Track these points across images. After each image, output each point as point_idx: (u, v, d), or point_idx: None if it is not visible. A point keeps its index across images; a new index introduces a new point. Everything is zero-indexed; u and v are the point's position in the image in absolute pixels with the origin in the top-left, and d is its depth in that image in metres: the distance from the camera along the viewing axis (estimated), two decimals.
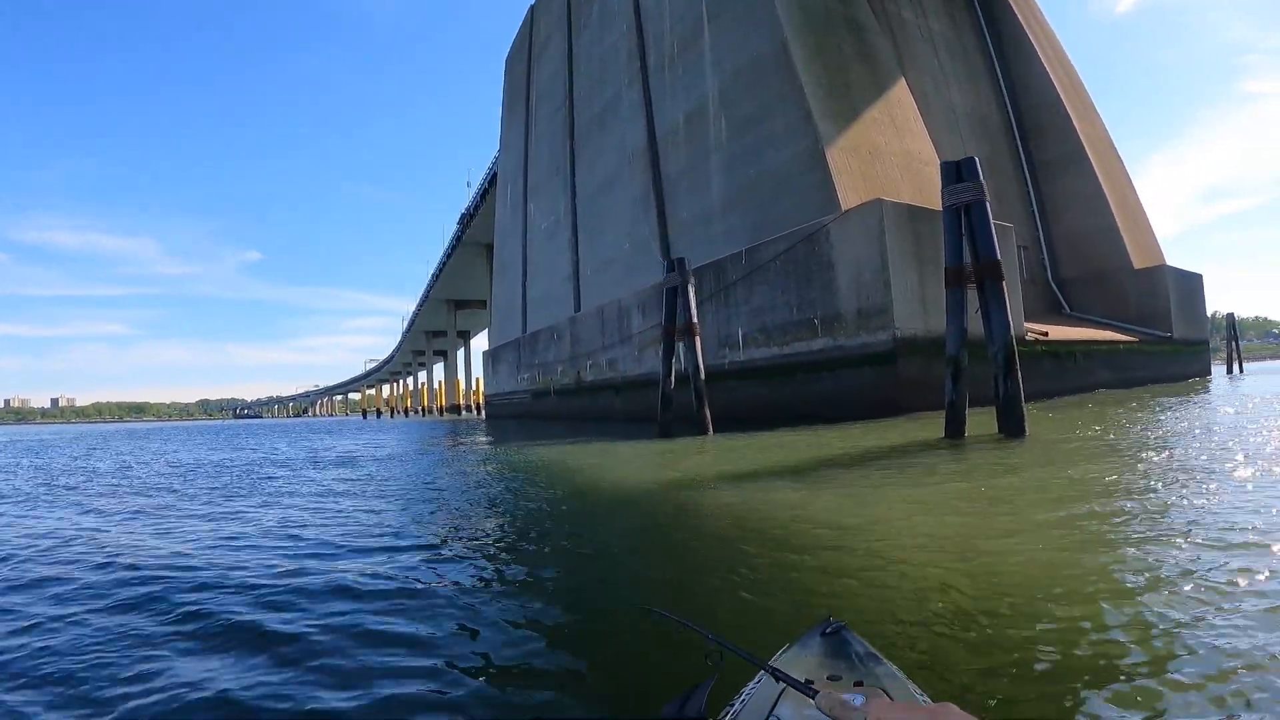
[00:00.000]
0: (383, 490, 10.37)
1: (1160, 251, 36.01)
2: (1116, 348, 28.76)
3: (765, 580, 4.38)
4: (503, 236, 52.56)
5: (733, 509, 7.13)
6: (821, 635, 1.66)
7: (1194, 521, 5.08)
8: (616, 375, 30.81)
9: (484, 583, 4.79)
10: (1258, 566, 3.87)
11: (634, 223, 31.32)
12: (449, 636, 3.64)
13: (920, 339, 17.99)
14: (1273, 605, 3.29)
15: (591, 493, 9.18)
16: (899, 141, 23.16)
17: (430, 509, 8.35)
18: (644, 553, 5.78)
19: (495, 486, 10.32)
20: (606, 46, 35.43)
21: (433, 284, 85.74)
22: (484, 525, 7.12)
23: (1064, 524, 5.29)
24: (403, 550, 5.87)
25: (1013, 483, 7.45)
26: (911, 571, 4.30)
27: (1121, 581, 3.78)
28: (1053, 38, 39.58)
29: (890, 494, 7.36)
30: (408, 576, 4.93)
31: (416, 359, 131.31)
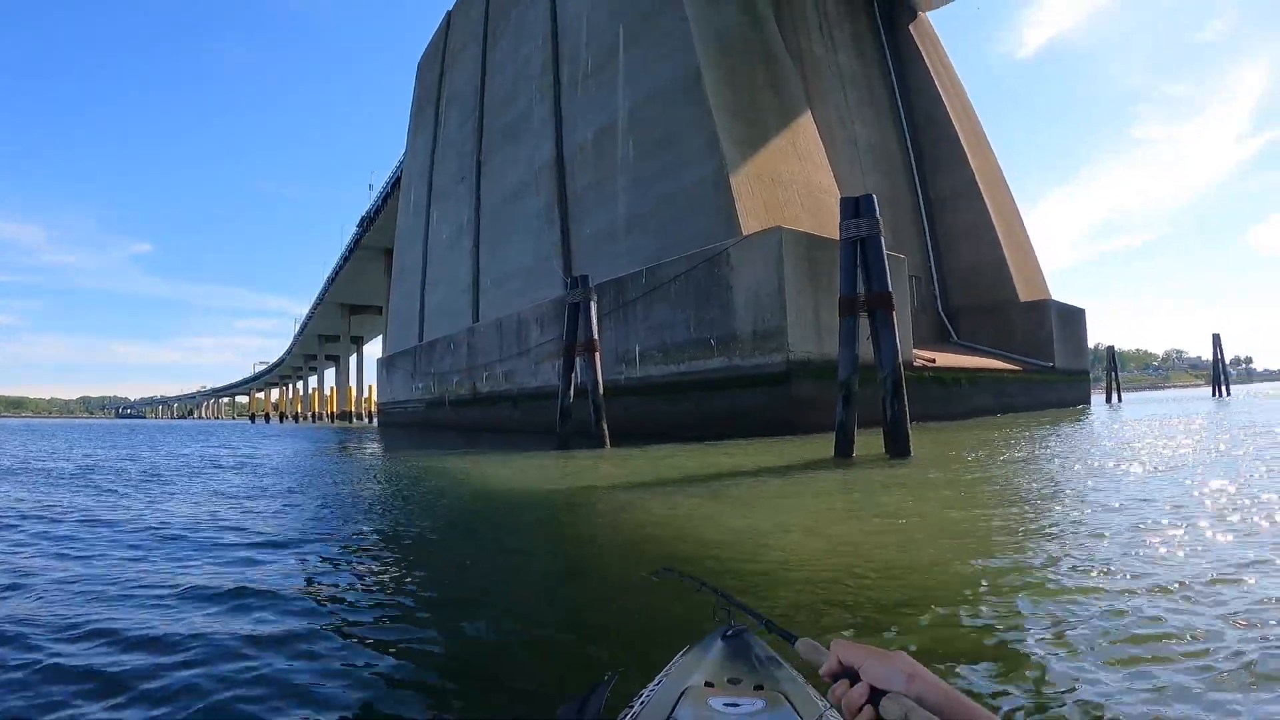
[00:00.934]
0: (273, 497, 9.97)
1: (1046, 286, 37.96)
2: (1001, 376, 30.08)
3: (663, 585, 4.45)
4: (403, 242, 51.59)
5: (631, 519, 7.21)
6: (723, 638, 1.62)
7: (1055, 525, 5.90)
8: (513, 387, 30.56)
9: (371, 593, 4.62)
10: (1104, 557, 4.64)
11: (537, 236, 31.22)
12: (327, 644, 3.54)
13: (814, 361, 18.50)
14: (1119, 585, 3.97)
15: (492, 504, 9.07)
16: (801, 171, 23.78)
17: (326, 517, 7.90)
18: (545, 559, 5.80)
19: (394, 498, 9.94)
20: (521, 58, 35.28)
21: (328, 287, 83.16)
22: (382, 537, 6.78)
23: (942, 532, 5.81)
24: (297, 553, 5.70)
25: (896, 497, 7.96)
26: (801, 574, 4.60)
27: (993, 579, 4.22)
28: (955, 78, 41.44)
29: (782, 506, 7.66)
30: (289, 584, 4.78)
31: (308, 363, 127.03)
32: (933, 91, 38.25)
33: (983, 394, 27.80)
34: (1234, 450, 11.67)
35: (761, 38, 25.58)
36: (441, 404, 38.64)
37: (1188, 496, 6.99)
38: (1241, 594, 3.68)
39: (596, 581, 4.87)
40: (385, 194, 63.09)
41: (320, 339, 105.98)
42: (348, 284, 79.88)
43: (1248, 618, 3.29)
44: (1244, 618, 3.29)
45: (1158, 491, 7.38)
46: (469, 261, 38.57)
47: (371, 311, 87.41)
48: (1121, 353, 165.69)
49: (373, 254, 71.23)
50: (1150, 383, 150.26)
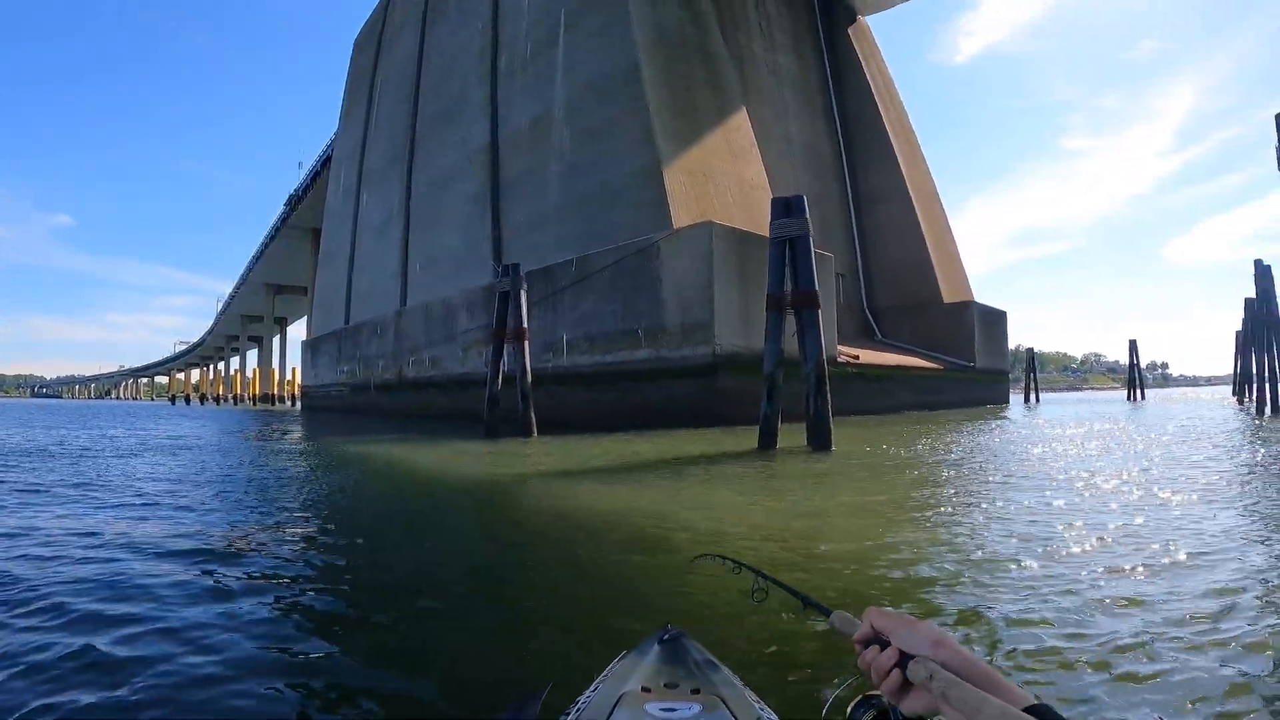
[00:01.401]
0: (199, 484, 9.65)
1: (969, 288, 39.01)
2: (922, 373, 30.90)
3: (596, 570, 4.66)
4: (332, 223, 50.47)
5: (561, 506, 7.28)
6: (659, 642, 1.62)
7: (960, 508, 6.59)
8: (440, 373, 30.32)
9: (295, 587, 4.45)
10: (1005, 532, 5.39)
11: (468, 222, 30.97)
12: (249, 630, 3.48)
13: (740, 355, 18.73)
14: (1009, 552, 4.70)
15: (421, 494, 8.89)
16: (734, 167, 24.02)
17: (249, 506, 7.53)
18: (474, 550, 5.75)
19: (318, 484, 9.64)
20: (460, 42, 34.83)
21: (253, 266, 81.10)
22: (301, 526, 6.51)
23: (858, 514, 6.35)
24: (208, 547, 5.56)
25: (814, 486, 8.36)
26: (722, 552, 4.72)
27: (904, 552, 4.77)
28: (890, 82, 42.27)
29: (705, 494, 7.87)
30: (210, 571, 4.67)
31: (230, 344, 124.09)
32: (867, 94, 38.98)
33: (904, 391, 28.49)
34: (1138, 446, 12.29)
35: (701, 35, 25.74)
36: (367, 388, 38.09)
37: (1080, 480, 7.80)
38: (1107, 549, 4.71)
39: (528, 574, 4.80)
40: (314, 173, 61.83)
41: (243, 319, 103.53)
42: (273, 263, 78.10)
43: (1114, 564, 4.30)
44: (1110, 564, 4.30)
45: (1058, 475, 8.37)
46: (398, 245, 38.01)
47: (296, 292, 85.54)
48: (1041, 355, 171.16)
49: (300, 233, 69.80)
50: (1069, 384, 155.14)
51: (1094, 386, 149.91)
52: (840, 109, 39.00)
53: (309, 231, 68.20)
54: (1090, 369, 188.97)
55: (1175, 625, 3.15)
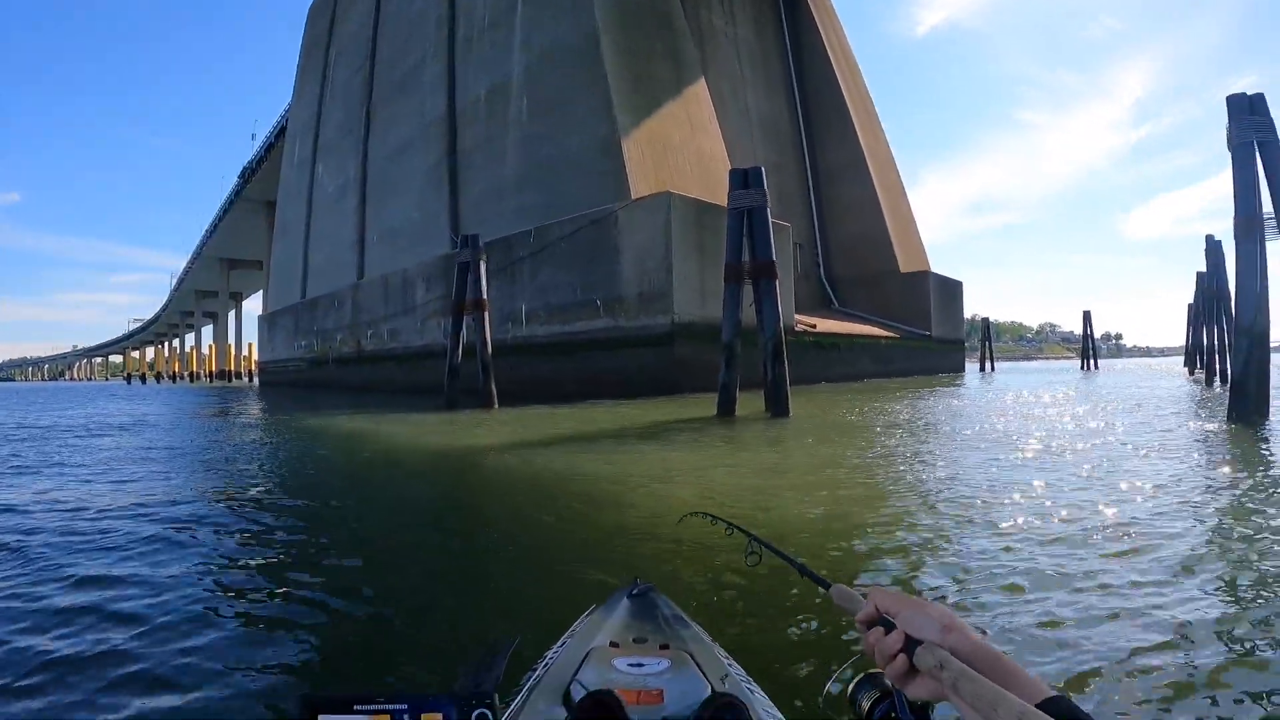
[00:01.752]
0: (161, 463, 9.53)
1: (926, 258, 39.56)
2: (879, 342, 31.37)
3: (565, 532, 4.83)
4: (287, 195, 49.72)
5: (526, 474, 7.45)
6: (629, 597, 1.64)
7: (913, 465, 7.02)
8: (399, 345, 30.21)
9: (275, 562, 4.45)
10: (957, 488, 5.83)
11: (425, 193, 30.75)
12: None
13: (698, 324, 18.92)
14: (959, 510, 5.01)
15: (383, 463, 8.99)
16: (693, 139, 24.09)
17: (217, 481, 7.44)
18: (445, 518, 5.82)
19: (282, 459, 9.63)
20: (416, 11, 34.32)
21: (206, 240, 79.35)
22: (266, 499, 6.48)
23: (816, 475, 6.64)
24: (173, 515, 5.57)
25: (774, 451, 8.73)
26: (678, 515, 4.94)
27: (856, 506, 5.21)
28: (849, 54, 42.47)
29: (669, 458, 8.08)
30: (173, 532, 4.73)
31: (185, 320, 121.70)
32: (826, 68, 39.14)
33: (861, 359, 28.90)
34: (1081, 413, 12.72)
35: (661, 6, 25.66)
36: (325, 363, 37.79)
37: (1021, 442, 8.37)
38: (1035, 496, 5.35)
39: (497, 540, 4.86)
40: (268, 144, 60.50)
41: (198, 295, 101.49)
42: (227, 237, 76.61)
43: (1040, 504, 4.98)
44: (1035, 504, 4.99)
45: (1005, 439, 8.86)
46: (355, 217, 37.64)
47: (251, 266, 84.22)
48: (997, 324, 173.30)
49: (254, 206, 68.54)
50: (1024, 353, 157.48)
51: (1048, 356, 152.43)
52: (799, 82, 39.17)
53: (263, 204, 67.01)
54: (1045, 339, 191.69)
55: (1084, 551, 3.77)
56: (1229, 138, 10.50)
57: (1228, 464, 6.90)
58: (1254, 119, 10.36)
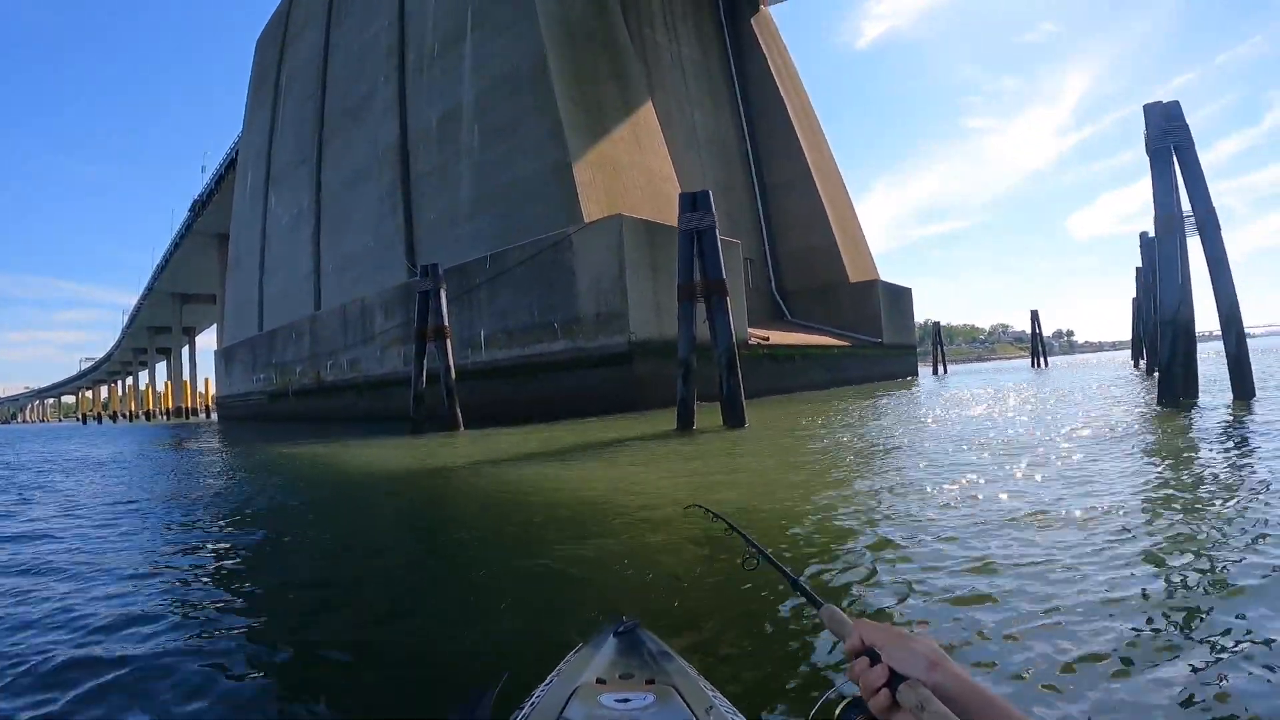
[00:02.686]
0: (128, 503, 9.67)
1: (875, 267, 40.53)
2: (830, 351, 32.08)
3: (540, 542, 5.17)
4: (239, 227, 49.38)
5: (497, 490, 7.86)
6: (615, 634, 1.64)
7: (862, 470, 7.34)
8: (359, 375, 30.21)
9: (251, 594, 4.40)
10: (895, 476, 6.58)
11: (380, 220, 30.91)
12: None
13: (654, 342, 19.43)
14: (898, 490, 5.88)
15: (352, 490, 9.23)
16: (641, 159, 24.63)
17: (177, 520, 7.20)
18: (411, 538, 6.11)
19: (249, 491, 9.48)
20: (366, 39, 34.61)
21: (158, 275, 77.88)
22: (236, 531, 6.53)
23: (773, 480, 7.17)
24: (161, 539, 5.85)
25: (733, 456, 9.35)
26: (662, 515, 5.64)
27: (816, 505, 5.59)
28: (793, 71, 43.43)
29: (635, 469, 8.64)
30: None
31: (138, 357, 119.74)
32: (770, 84, 40.06)
33: (815, 368, 29.54)
34: (1027, 406, 13.41)
35: (606, 27, 26.29)
36: (285, 395, 37.59)
37: (971, 439, 8.93)
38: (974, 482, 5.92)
39: (468, 557, 4.98)
40: (219, 176, 59.95)
41: (151, 331, 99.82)
42: (179, 271, 75.46)
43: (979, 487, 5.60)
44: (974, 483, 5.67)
45: (952, 437, 9.57)
46: (310, 247, 37.59)
47: (205, 300, 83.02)
48: (950, 327, 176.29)
49: (206, 239, 67.70)
50: (977, 355, 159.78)
51: (1001, 356, 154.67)
52: (744, 99, 40.06)
53: (215, 237, 66.31)
54: (997, 339, 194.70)
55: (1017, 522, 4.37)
56: (1147, 144, 11.39)
57: (1146, 438, 7.97)
58: (1169, 124, 11.39)
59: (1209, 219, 11.36)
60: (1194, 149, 11.39)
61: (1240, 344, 11.51)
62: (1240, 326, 11.55)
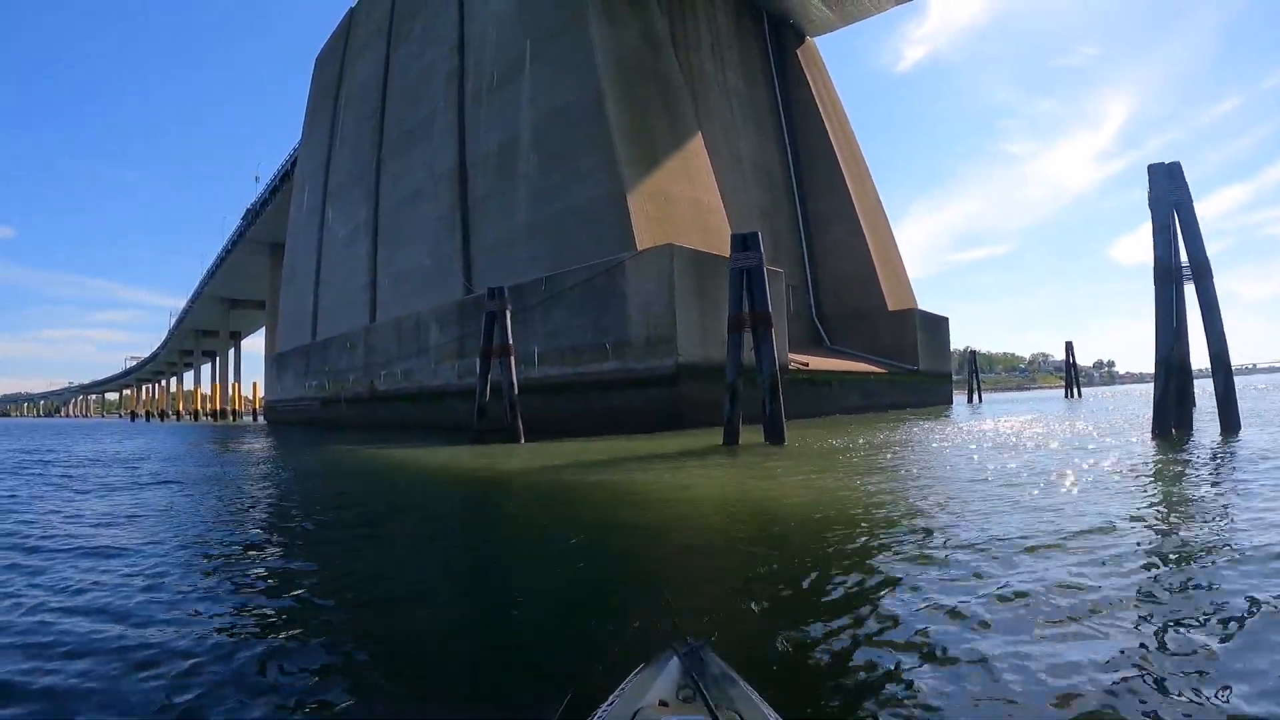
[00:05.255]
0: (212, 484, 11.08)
1: (913, 295, 41.27)
2: (868, 377, 32.93)
3: (610, 528, 6.33)
4: (295, 238, 50.92)
5: (570, 489, 9.41)
6: (679, 656, 1.62)
7: (893, 487, 8.30)
8: (412, 385, 31.45)
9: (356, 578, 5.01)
10: (919, 491, 7.65)
11: (437, 240, 32.20)
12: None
13: (699, 365, 20.56)
14: (923, 506, 6.70)
15: (453, 486, 10.92)
16: (690, 190, 25.77)
17: (270, 514, 8.90)
18: (502, 542, 6.80)
19: (346, 485, 11.37)
20: (426, 64, 36.01)
21: (208, 279, 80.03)
22: (345, 517, 7.95)
23: (810, 488, 8.42)
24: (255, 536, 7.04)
25: (775, 467, 10.58)
26: (711, 515, 7.10)
27: (849, 513, 6.56)
28: (836, 100, 44.47)
29: (690, 475, 10.16)
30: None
31: (183, 359, 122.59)
32: (815, 113, 41.16)
33: (851, 394, 30.45)
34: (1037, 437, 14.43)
35: (658, 63, 27.51)
36: (337, 401, 38.93)
37: (982, 460, 9.95)
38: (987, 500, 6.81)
39: (552, 564, 5.26)
40: (273, 187, 61.96)
41: (197, 334, 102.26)
42: (229, 277, 77.58)
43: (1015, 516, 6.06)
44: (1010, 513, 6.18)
45: (963, 456, 10.90)
46: (366, 261, 38.99)
47: (253, 306, 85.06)
48: (990, 355, 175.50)
49: (257, 247, 69.55)
50: (1017, 384, 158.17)
51: (1041, 385, 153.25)
52: (789, 128, 41.08)
53: (267, 245, 68.18)
54: (1037, 369, 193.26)
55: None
56: (1150, 199, 12.62)
57: (1126, 465, 9.16)
58: (1171, 183, 12.62)
59: (1204, 270, 12.47)
60: (1193, 206, 12.57)
61: (1228, 382, 12.65)
62: (1228, 367, 12.66)
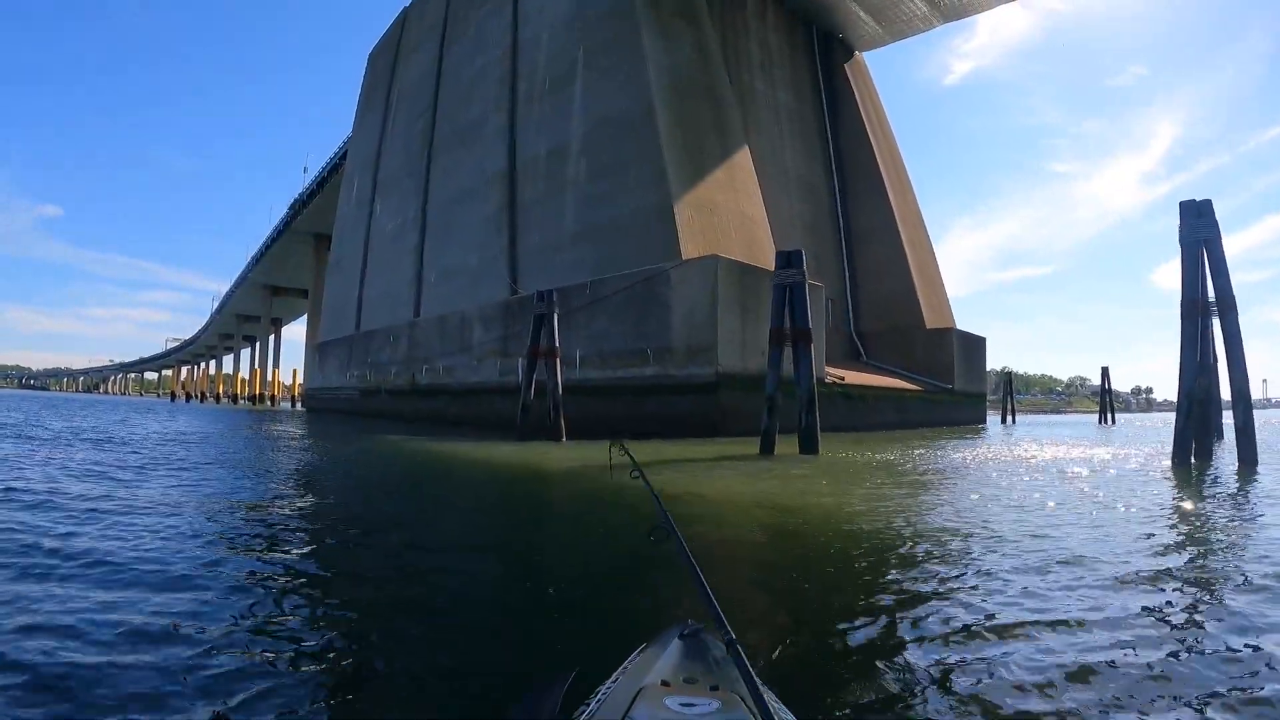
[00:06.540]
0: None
1: (951, 314, 41.35)
2: (903, 394, 33.18)
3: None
4: (343, 230, 51.92)
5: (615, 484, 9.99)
6: (680, 637, 1.66)
7: (917, 495, 9.31)
8: (453, 381, 32.09)
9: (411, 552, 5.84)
10: (937, 499, 8.47)
11: (485, 240, 32.80)
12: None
13: (738, 375, 20.98)
14: (944, 513, 7.34)
15: (509, 478, 11.89)
16: (736, 202, 26.20)
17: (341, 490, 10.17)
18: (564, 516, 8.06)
19: (406, 479, 12.20)
20: (479, 66, 36.67)
21: (252, 266, 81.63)
22: (406, 508, 8.97)
23: (840, 493, 9.20)
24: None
25: (809, 475, 11.37)
26: (746, 513, 7.78)
27: (875, 516, 7.27)
28: (882, 116, 44.62)
29: (728, 479, 10.94)
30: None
31: (224, 343, 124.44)
32: (860, 129, 41.34)
33: (886, 410, 30.69)
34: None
35: (709, 77, 27.99)
36: (377, 393, 39.70)
37: (1003, 475, 10.45)
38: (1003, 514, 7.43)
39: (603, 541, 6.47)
40: (321, 178, 63.13)
41: (239, 318, 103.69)
42: (273, 265, 79.23)
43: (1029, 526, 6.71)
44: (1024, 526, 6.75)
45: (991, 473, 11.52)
46: (413, 256, 39.69)
47: (295, 294, 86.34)
48: (1027, 376, 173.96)
49: (302, 237, 71.01)
50: (1053, 406, 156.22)
51: (1078, 409, 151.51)
52: (835, 143, 41.32)
53: (311, 235, 69.47)
54: (1075, 392, 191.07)
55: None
56: (1180, 235, 12.99)
57: (1143, 492, 9.65)
58: (1201, 221, 12.98)
59: (1229, 305, 12.80)
60: (1221, 243, 12.87)
61: (1247, 416, 12.84)
62: (1248, 400, 12.91)
